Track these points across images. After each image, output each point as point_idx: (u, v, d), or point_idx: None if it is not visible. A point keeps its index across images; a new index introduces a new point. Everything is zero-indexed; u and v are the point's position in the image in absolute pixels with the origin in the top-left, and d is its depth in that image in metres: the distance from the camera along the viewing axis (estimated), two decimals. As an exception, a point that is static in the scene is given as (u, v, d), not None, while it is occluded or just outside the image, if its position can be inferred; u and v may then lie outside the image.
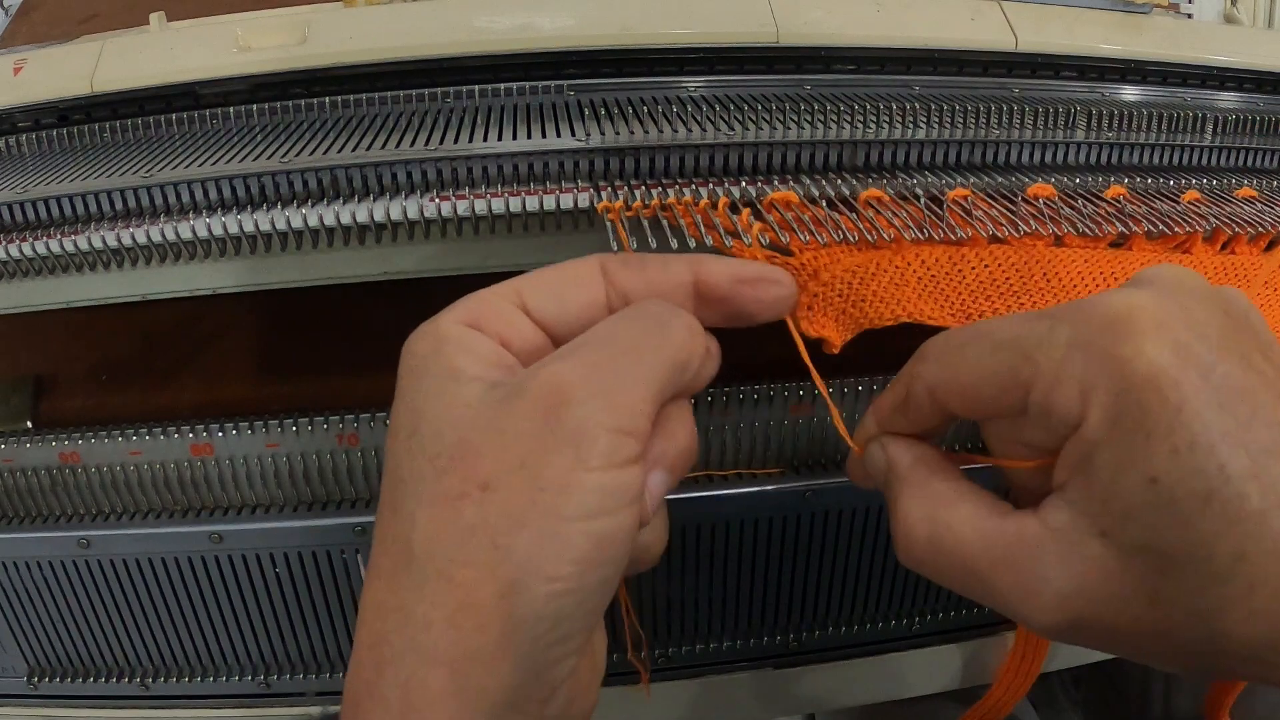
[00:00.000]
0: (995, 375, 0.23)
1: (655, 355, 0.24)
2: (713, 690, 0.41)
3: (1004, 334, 0.24)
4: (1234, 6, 0.55)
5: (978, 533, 0.24)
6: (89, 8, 0.54)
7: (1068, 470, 0.23)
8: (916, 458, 0.27)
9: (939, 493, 0.25)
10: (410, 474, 0.23)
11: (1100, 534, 0.22)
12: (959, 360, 0.25)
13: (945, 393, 0.25)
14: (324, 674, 0.39)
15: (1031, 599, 0.23)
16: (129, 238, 0.32)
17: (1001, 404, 0.24)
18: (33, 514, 0.37)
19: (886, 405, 0.28)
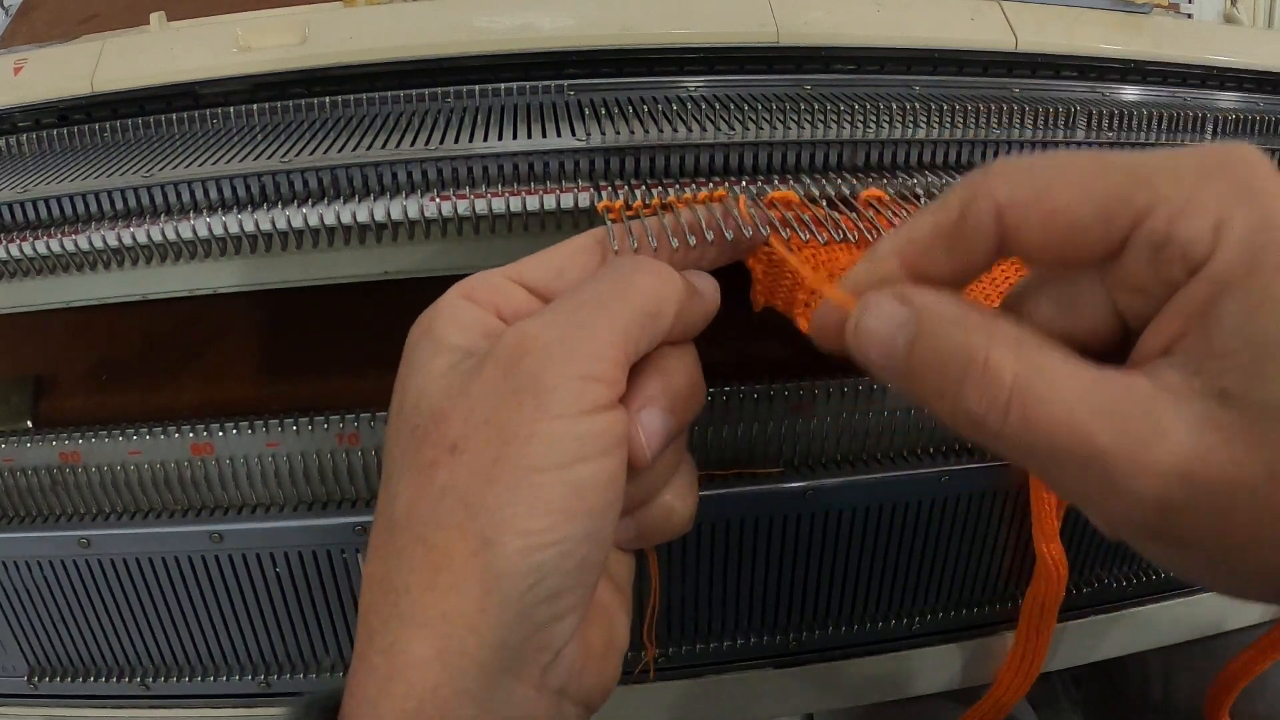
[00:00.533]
0: (1101, 198, 0.19)
1: (620, 302, 0.24)
2: (713, 690, 0.41)
3: (1115, 158, 0.20)
4: (1234, 6, 0.55)
5: (1080, 381, 0.19)
6: (89, 8, 0.54)
7: (1175, 328, 0.19)
8: (963, 301, 0.21)
9: (1018, 334, 0.20)
10: (396, 448, 0.24)
11: (1220, 394, 0.19)
12: (1054, 177, 0.20)
13: (1025, 215, 0.20)
14: (324, 674, 0.39)
15: (1142, 456, 0.19)
16: (129, 237, 0.32)
17: (1095, 238, 0.20)
18: (33, 514, 0.37)
19: (925, 232, 0.22)
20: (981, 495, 0.39)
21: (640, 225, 0.28)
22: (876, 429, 0.38)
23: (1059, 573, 0.38)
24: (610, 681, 0.26)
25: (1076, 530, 0.41)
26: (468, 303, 0.25)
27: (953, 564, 0.41)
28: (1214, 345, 0.19)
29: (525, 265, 0.26)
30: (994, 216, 0.20)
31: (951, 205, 0.21)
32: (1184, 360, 0.19)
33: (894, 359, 0.21)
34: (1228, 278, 0.18)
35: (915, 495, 0.38)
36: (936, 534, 0.39)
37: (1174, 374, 0.19)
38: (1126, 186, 0.19)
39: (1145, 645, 0.46)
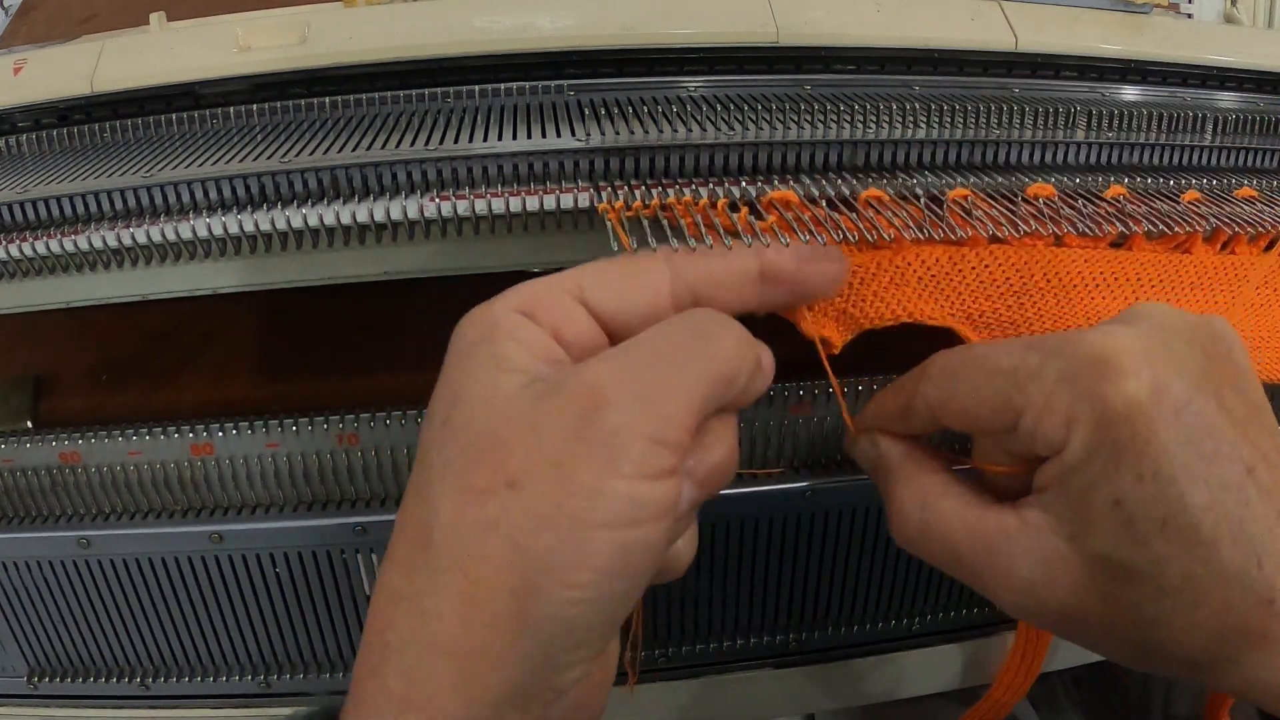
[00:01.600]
0: (991, 400, 0.26)
1: (700, 365, 0.23)
2: (713, 690, 0.41)
3: (1001, 362, 0.26)
4: (1234, 6, 0.55)
5: (962, 521, 0.27)
6: (89, 8, 0.54)
7: (1046, 480, 0.26)
8: (906, 453, 0.30)
9: (929, 485, 0.28)
10: (439, 461, 0.23)
11: (1068, 537, 0.25)
12: (959, 385, 0.27)
13: (944, 411, 0.28)
14: (324, 674, 0.39)
15: (1003, 580, 0.26)
16: (129, 238, 0.32)
17: (994, 424, 0.26)
18: (33, 514, 0.37)
19: (889, 409, 0.30)
20: (981, 495, 0.39)
21: (702, 251, 0.27)
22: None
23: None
24: (600, 712, 0.26)
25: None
26: (529, 321, 0.24)
27: (953, 564, 0.41)
28: (1067, 503, 0.25)
29: (585, 279, 0.25)
30: (929, 409, 0.28)
31: (902, 394, 0.29)
32: (1049, 504, 0.26)
33: (870, 476, 0.31)
34: (1073, 463, 0.25)
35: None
36: (936, 534, 0.39)
37: (1040, 514, 0.26)
38: (1008, 391, 0.26)
39: (1145, 645, 0.46)
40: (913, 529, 0.28)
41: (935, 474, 0.29)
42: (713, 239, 0.28)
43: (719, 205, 0.30)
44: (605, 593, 0.22)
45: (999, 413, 0.26)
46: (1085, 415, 0.24)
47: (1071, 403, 0.24)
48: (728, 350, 0.24)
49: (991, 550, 0.26)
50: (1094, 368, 0.24)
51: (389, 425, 0.35)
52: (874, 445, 0.31)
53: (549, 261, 0.34)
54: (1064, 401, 0.24)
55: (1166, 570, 0.24)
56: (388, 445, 0.36)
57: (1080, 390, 0.24)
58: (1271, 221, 0.34)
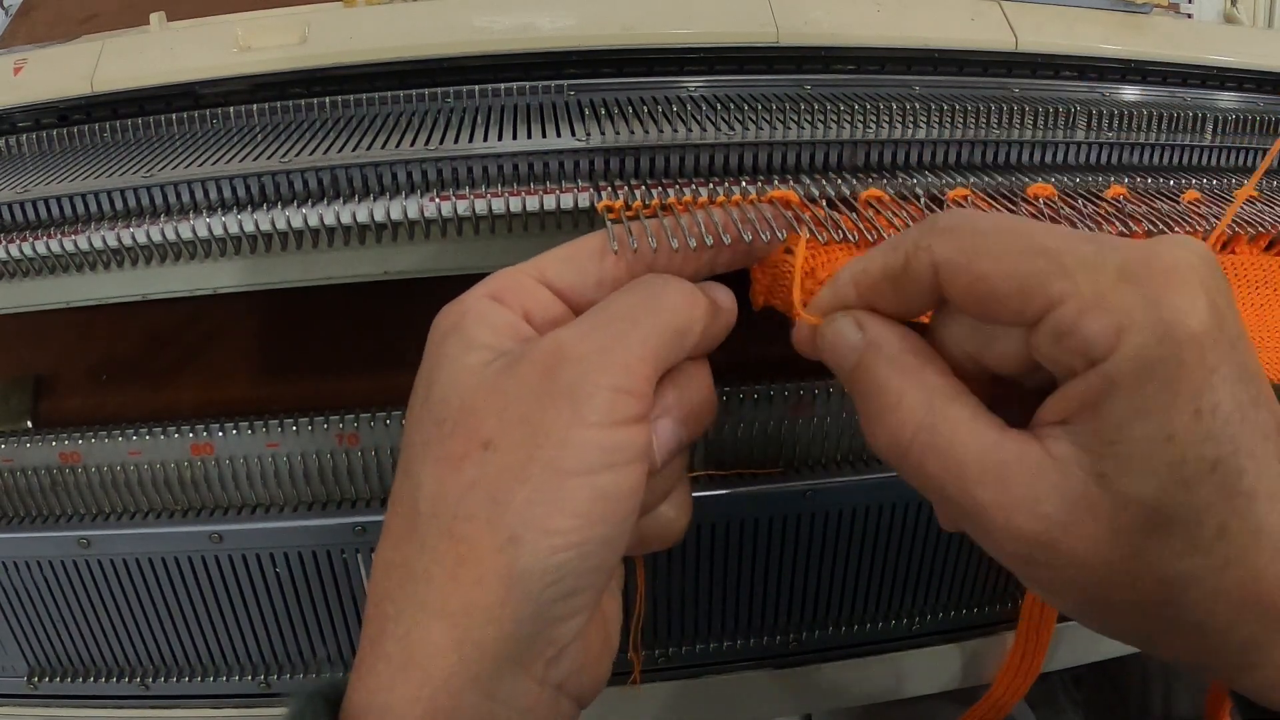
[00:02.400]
0: (1022, 278, 0.21)
1: (651, 319, 0.24)
2: (713, 690, 0.41)
3: (1044, 240, 0.21)
4: (1234, 6, 0.55)
5: (976, 438, 0.22)
6: (89, 8, 0.54)
7: (1072, 405, 0.21)
8: (905, 340, 0.24)
9: (937, 385, 0.23)
10: (419, 438, 0.24)
11: (1099, 476, 0.21)
12: (984, 247, 0.22)
13: (954, 276, 0.22)
14: (324, 674, 0.39)
15: (1015, 517, 0.22)
16: (129, 238, 0.32)
17: (1011, 308, 0.22)
18: (33, 514, 0.37)
19: (876, 271, 0.24)
20: (981, 495, 0.39)
21: (652, 225, 0.28)
22: (876, 429, 0.38)
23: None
24: (603, 679, 0.26)
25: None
26: (497, 304, 0.25)
27: (953, 564, 0.41)
28: (1102, 432, 0.21)
29: (548, 264, 0.26)
30: (932, 270, 0.23)
31: (899, 251, 0.24)
32: (1076, 435, 0.21)
33: (841, 372, 0.25)
34: (1119, 379, 0.20)
35: (915, 495, 0.38)
36: (937, 534, 0.39)
37: (1065, 445, 0.21)
38: (1046, 274, 0.21)
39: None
40: (909, 434, 0.23)
41: (944, 375, 0.23)
42: (712, 238, 0.28)
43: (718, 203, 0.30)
44: (587, 538, 0.23)
45: (1026, 295, 0.21)
46: (1144, 324, 0.20)
47: (1130, 306, 0.20)
48: (675, 303, 0.25)
49: (1006, 479, 0.22)
50: (1164, 276, 0.20)
51: (389, 425, 0.35)
52: (860, 327, 0.24)
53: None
54: (1122, 301, 0.20)
55: (1205, 521, 0.21)
56: (388, 445, 0.36)
57: (1143, 295, 0.20)
58: (1271, 221, 0.34)
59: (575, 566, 0.23)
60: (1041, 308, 0.21)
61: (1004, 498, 0.22)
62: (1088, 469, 0.21)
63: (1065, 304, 0.21)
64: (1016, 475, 0.22)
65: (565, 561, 0.22)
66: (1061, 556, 0.22)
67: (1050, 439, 0.22)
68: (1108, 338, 0.20)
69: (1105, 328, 0.20)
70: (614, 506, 0.23)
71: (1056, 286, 0.21)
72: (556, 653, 0.24)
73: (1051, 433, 0.22)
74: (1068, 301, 0.21)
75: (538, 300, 0.26)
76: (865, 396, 0.24)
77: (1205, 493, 0.20)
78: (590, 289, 0.27)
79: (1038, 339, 0.22)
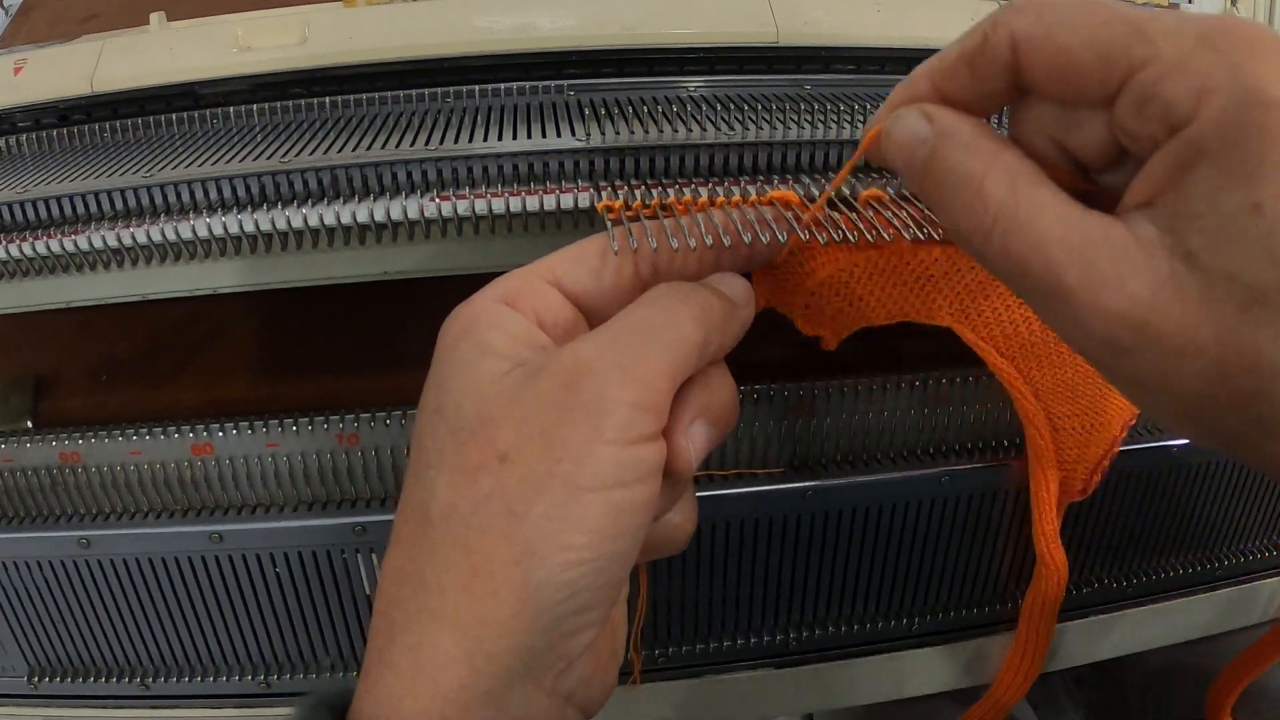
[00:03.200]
0: (1103, 44, 0.21)
1: (671, 333, 0.24)
2: (713, 690, 0.41)
3: (1124, 9, 0.21)
4: (1234, 6, 0.55)
5: (1059, 217, 0.21)
6: (89, 8, 0.54)
7: (1157, 182, 0.20)
8: (978, 127, 0.23)
9: (1017, 167, 0.22)
10: (433, 445, 0.24)
11: (1185, 255, 0.20)
12: (1063, 19, 0.21)
13: (1034, 50, 0.22)
14: (324, 674, 0.39)
15: (1101, 297, 0.20)
16: (130, 238, 0.32)
17: (1093, 80, 0.21)
18: (33, 514, 0.37)
19: (951, 57, 0.23)
20: (981, 495, 0.39)
21: (652, 226, 0.28)
22: (876, 429, 0.38)
23: (1059, 573, 0.38)
24: (609, 688, 0.26)
25: (1076, 530, 0.41)
26: (510, 309, 0.25)
27: (953, 564, 0.41)
28: (1187, 207, 0.20)
29: (559, 266, 0.26)
30: (1010, 47, 0.22)
31: (976, 32, 0.23)
32: (1160, 215, 0.20)
33: (912, 169, 0.24)
34: (1203, 145, 0.19)
35: (915, 495, 0.38)
36: (936, 534, 0.39)
37: (1149, 227, 0.20)
38: (1127, 38, 0.20)
39: (1146, 645, 0.46)
40: (993, 214, 0.22)
41: (1022, 158, 0.22)
42: (712, 238, 0.28)
43: (718, 204, 0.30)
44: (602, 553, 0.23)
45: (1108, 64, 0.20)
46: (1228, 88, 0.19)
47: (1213, 68, 0.19)
48: (695, 316, 0.25)
49: (1092, 259, 0.21)
50: (1245, 44, 0.19)
51: (389, 425, 0.35)
52: (928, 118, 0.23)
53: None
54: (1204, 63, 0.19)
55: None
56: (388, 445, 0.36)
57: (1225, 60, 0.19)
58: None
59: (589, 582, 0.23)
60: (1123, 75, 0.20)
61: (1090, 277, 0.21)
62: (1174, 249, 0.20)
63: (1147, 69, 0.20)
64: (1103, 254, 0.21)
65: (580, 577, 0.22)
66: (1150, 340, 0.20)
67: (1135, 222, 0.21)
68: (1190, 100, 0.19)
69: (1188, 90, 0.19)
70: (628, 521, 0.23)
71: (1138, 52, 0.20)
72: (566, 665, 0.24)
73: (1135, 217, 0.21)
74: (1149, 66, 0.20)
75: (549, 304, 0.26)
76: (942, 186, 0.23)
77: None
78: (600, 291, 0.26)
79: (1120, 111, 0.21)
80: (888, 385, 0.37)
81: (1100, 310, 0.21)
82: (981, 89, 0.23)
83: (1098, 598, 0.44)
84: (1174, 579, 0.45)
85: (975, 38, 0.23)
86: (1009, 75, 0.22)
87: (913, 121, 0.24)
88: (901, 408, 0.37)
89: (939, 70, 0.24)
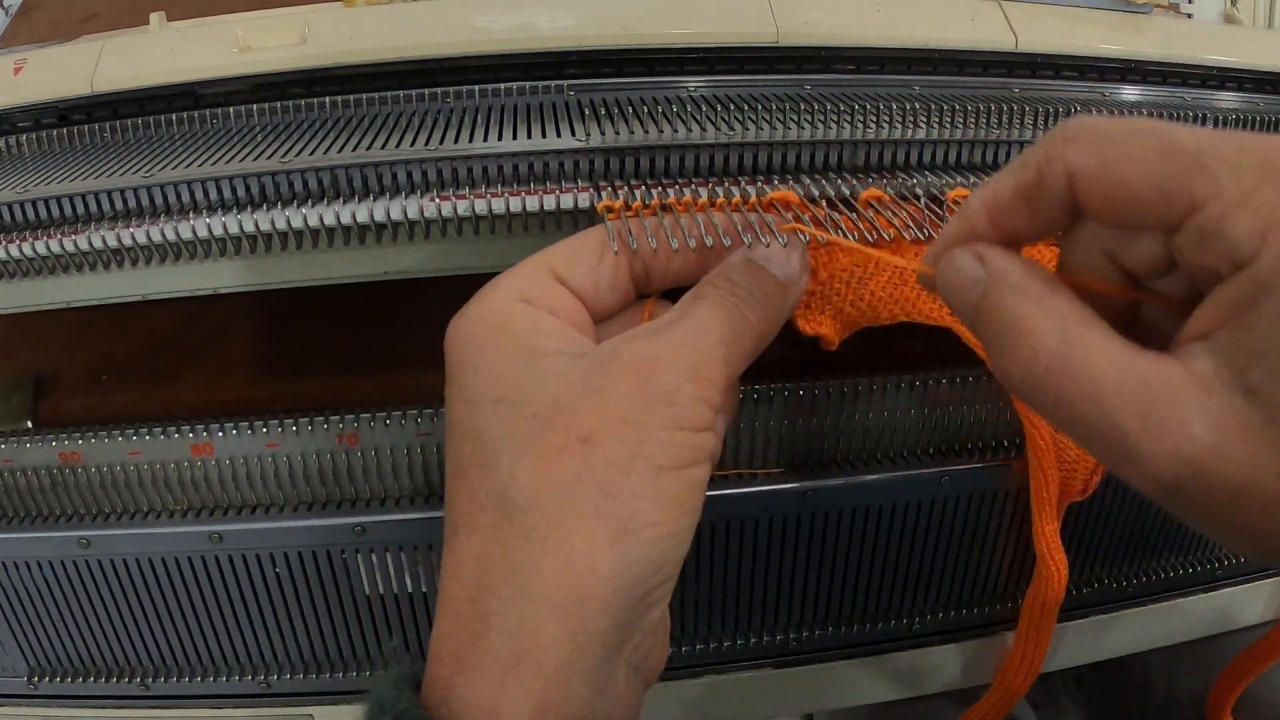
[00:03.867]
0: (1162, 180, 0.20)
1: (735, 334, 0.26)
2: (713, 690, 0.41)
3: (1182, 139, 0.20)
4: (1234, 6, 0.55)
5: (1112, 362, 0.21)
6: (89, 8, 0.54)
7: (1219, 315, 0.20)
8: (1030, 270, 0.23)
9: (1068, 311, 0.22)
10: (500, 435, 0.24)
11: (1246, 390, 0.20)
12: (1119, 151, 0.21)
13: (1091, 184, 0.22)
14: (324, 674, 0.39)
15: (1159, 441, 0.20)
16: (130, 238, 0.32)
17: (1154, 214, 0.21)
18: (33, 514, 0.37)
19: (1007, 191, 0.23)
20: (981, 495, 0.39)
21: (650, 224, 0.28)
22: (876, 429, 0.38)
23: (1059, 573, 0.38)
24: (665, 657, 0.28)
25: (1077, 530, 0.41)
26: (537, 309, 0.26)
27: (953, 564, 0.41)
28: (1248, 342, 0.19)
29: (558, 263, 0.27)
30: (1067, 181, 0.22)
31: (1030, 167, 0.22)
32: (1219, 350, 0.20)
33: (965, 311, 0.24)
34: (1269, 281, 0.19)
35: (915, 495, 0.38)
36: (937, 534, 0.39)
37: (1207, 361, 0.20)
38: (1187, 173, 0.20)
39: (1146, 645, 0.46)
40: (1044, 362, 0.21)
41: (1073, 300, 0.22)
42: (712, 239, 0.28)
43: (718, 205, 0.30)
44: (683, 526, 0.24)
45: (1168, 199, 0.20)
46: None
47: (1276, 205, 0.19)
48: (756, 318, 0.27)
49: (1148, 402, 0.20)
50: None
51: (389, 425, 0.35)
52: (981, 260, 0.23)
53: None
54: (1267, 200, 0.19)
55: None
56: (388, 445, 0.36)
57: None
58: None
59: (673, 554, 0.24)
60: (1185, 210, 0.20)
61: (1147, 423, 0.20)
62: (1234, 384, 0.20)
63: (1209, 205, 0.20)
64: (1159, 398, 0.20)
65: (666, 550, 0.24)
66: (1214, 483, 0.20)
67: (1192, 356, 0.20)
68: (1254, 239, 0.19)
69: (1251, 228, 0.19)
70: (698, 497, 0.25)
71: (1199, 187, 0.20)
72: (640, 639, 0.25)
73: (1193, 349, 0.21)
74: (1211, 203, 0.20)
75: (560, 300, 0.27)
76: (994, 331, 0.23)
77: None
78: (598, 287, 0.28)
79: (1181, 242, 0.21)
80: (888, 385, 0.37)
81: (1162, 456, 0.20)
82: (1039, 221, 0.23)
83: (1098, 598, 0.44)
84: (1174, 579, 0.45)
85: (1029, 172, 0.23)
86: (1067, 208, 0.22)
87: (966, 263, 0.24)
88: (901, 408, 0.37)
89: (996, 208, 0.24)
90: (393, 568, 0.37)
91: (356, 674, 0.39)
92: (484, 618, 0.23)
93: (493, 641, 0.23)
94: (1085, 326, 0.22)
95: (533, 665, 0.23)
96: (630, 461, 0.23)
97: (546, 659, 0.23)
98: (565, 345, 0.26)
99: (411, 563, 0.36)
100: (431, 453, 0.36)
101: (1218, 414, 0.20)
